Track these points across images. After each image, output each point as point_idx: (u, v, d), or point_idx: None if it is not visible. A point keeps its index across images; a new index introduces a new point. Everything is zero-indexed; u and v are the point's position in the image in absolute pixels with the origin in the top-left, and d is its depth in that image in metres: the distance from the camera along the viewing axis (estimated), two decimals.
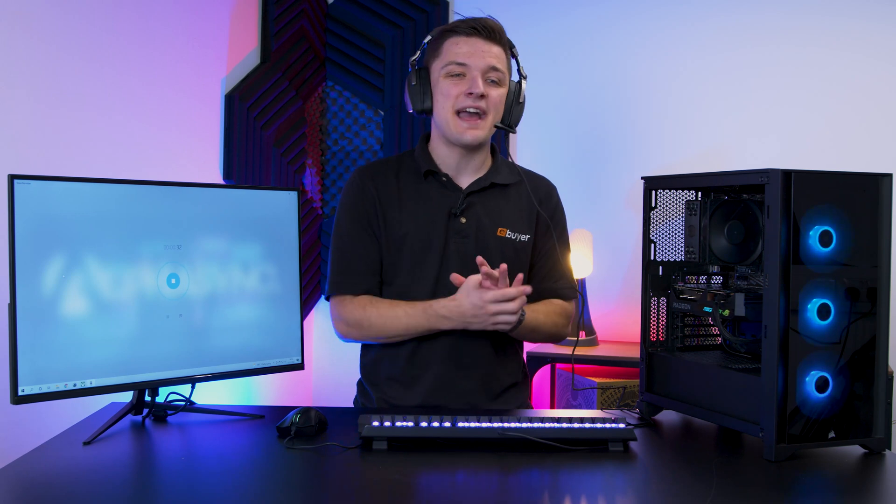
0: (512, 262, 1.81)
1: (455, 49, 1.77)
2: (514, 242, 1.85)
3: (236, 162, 2.81)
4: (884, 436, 1.46)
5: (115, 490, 1.26)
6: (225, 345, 1.66)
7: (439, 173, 1.85)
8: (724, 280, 1.67)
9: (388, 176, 1.87)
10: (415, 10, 3.33)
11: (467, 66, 1.76)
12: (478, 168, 1.87)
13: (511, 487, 1.31)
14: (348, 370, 3.44)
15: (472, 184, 1.85)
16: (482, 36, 1.76)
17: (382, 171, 1.88)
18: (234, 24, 2.84)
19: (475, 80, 1.75)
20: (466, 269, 1.76)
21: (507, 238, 1.85)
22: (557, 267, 1.91)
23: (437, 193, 1.84)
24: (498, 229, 1.84)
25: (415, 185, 1.85)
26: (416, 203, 1.84)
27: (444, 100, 1.78)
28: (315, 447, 1.44)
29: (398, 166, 1.89)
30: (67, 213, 1.46)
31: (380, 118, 3.37)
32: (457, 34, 1.78)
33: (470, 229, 1.82)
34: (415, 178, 1.86)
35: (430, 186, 1.85)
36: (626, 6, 3.21)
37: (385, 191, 1.85)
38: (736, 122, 3.10)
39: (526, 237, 1.87)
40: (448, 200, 1.83)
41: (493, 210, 1.85)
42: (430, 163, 1.85)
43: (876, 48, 2.98)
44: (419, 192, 1.85)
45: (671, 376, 1.65)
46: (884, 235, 1.46)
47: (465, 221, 1.83)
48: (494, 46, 1.78)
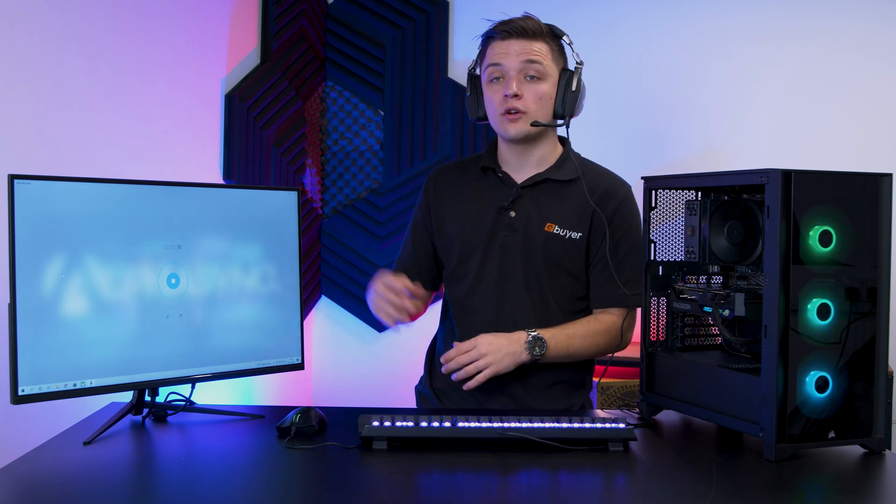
0: (556, 258, 1.82)
1: (492, 53, 1.80)
2: (563, 239, 1.82)
3: (236, 162, 2.81)
4: (884, 436, 1.46)
5: (115, 490, 1.26)
6: (225, 345, 1.66)
7: (496, 169, 1.88)
8: (724, 280, 1.67)
9: (452, 175, 1.95)
10: (415, 10, 3.33)
11: (502, 68, 1.78)
12: (538, 164, 1.87)
13: (511, 487, 1.31)
14: (348, 370, 3.45)
15: (527, 179, 1.85)
16: (515, 36, 1.77)
17: (448, 170, 1.97)
18: (234, 24, 2.84)
19: (509, 81, 1.77)
20: (507, 263, 1.83)
21: (554, 234, 1.82)
22: (608, 272, 1.79)
23: (493, 188, 1.87)
24: (546, 224, 1.83)
25: (474, 183, 1.91)
26: (471, 200, 1.89)
27: (490, 105, 1.83)
28: (315, 447, 1.44)
29: (465, 166, 1.97)
30: (67, 213, 1.46)
31: (380, 118, 3.37)
32: (494, 39, 1.80)
33: (519, 223, 1.83)
34: (476, 175, 1.91)
35: (487, 182, 1.89)
36: (625, 6, 3.21)
37: (445, 190, 1.92)
38: (736, 122, 3.10)
39: (577, 235, 1.82)
40: (502, 195, 1.85)
41: (544, 205, 1.84)
42: (491, 160, 1.89)
43: (876, 48, 2.98)
44: (476, 189, 1.89)
45: (671, 376, 1.65)
46: (884, 235, 1.45)
47: (515, 215, 1.84)
48: (534, 43, 1.77)
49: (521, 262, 1.83)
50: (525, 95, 1.77)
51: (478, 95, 1.86)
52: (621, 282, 1.78)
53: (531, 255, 1.82)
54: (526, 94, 1.77)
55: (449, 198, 1.92)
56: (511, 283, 1.83)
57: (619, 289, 1.78)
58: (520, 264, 1.83)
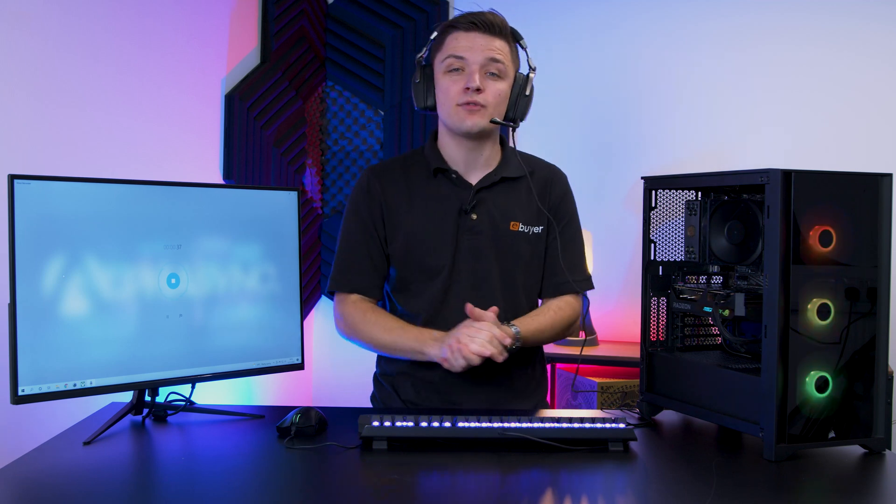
0: (528, 255, 1.84)
1: (454, 44, 1.77)
2: (528, 235, 1.85)
3: (236, 162, 2.81)
4: (884, 436, 1.46)
5: (115, 490, 1.26)
6: (225, 345, 1.66)
7: (449, 170, 1.84)
8: (724, 280, 1.67)
9: (397, 175, 1.87)
10: (415, 10, 3.33)
11: (465, 61, 1.75)
12: (486, 162, 1.86)
13: (511, 487, 1.30)
14: (348, 370, 3.44)
15: (481, 179, 1.84)
16: (481, 30, 1.75)
17: (390, 170, 1.89)
18: (234, 24, 2.84)
19: (472, 74, 1.74)
20: (479, 266, 1.80)
21: (520, 232, 1.84)
22: (559, 261, 1.85)
23: (446, 191, 1.84)
24: (510, 223, 1.84)
25: (424, 184, 1.85)
26: (426, 202, 1.84)
27: (444, 95, 1.78)
28: (315, 447, 1.44)
29: (408, 165, 1.89)
30: (67, 213, 1.46)
31: (380, 118, 3.37)
32: (457, 29, 1.77)
33: (482, 226, 1.82)
34: (424, 176, 1.86)
35: (439, 184, 1.85)
36: (626, 6, 3.21)
37: (392, 190, 1.85)
38: (736, 122, 3.10)
39: (539, 229, 1.86)
40: (458, 197, 1.83)
41: (504, 205, 1.84)
42: (439, 160, 1.85)
43: (876, 48, 2.98)
44: (428, 191, 1.85)
45: (671, 376, 1.65)
46: (884, 235, 1.45)
47: (477, 218, 1.82)
48: (496, 40, 1.76)
49: (494, 263, 1.82)
50: (486, 91, 1.76)
51: (426, 83, 1.82)
52: (572, 268, 1.86)
53: (503, 256, 1.82)
54: (487, 89, 1.76)
55: (399, 197, 1.84)
56: (487, 286, 1.82)
57: (575, 275, 1.87)
58: (494, 266, 1.82)
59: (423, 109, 1.84)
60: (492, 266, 1.82)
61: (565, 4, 3.24)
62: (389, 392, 1.89)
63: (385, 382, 1.91)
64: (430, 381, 1.83)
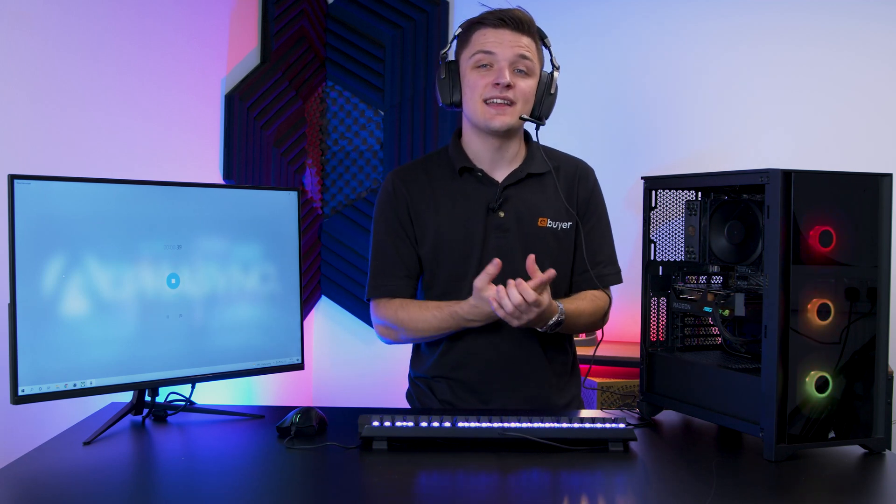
0: (555, 252, 1.82)
1: (482, 39, 1.75)
2: (557, 231, 1.83)
3: (236, 162, 2.81)
4: (884, 436, 1.46)
5: (115, 490, 1.26)
6: (225, 345, 1.66)
7: (474, 169, 1.83)
8: (724, 280, 1.67)
9: (420, 177, 1.86)
10: (415, 10, 3.33)
11: (494, 56, 1.74)
12: (512, 159, 1.85)
13: (511, 487, 1.30)
14: (348, 370, 3.45)
15: (507, 177, 1.83)
16: (510, 27, 1.75)
17: (414, 172, 1.88)
18: (234, 24, 2.84)
19: (502, 70, 1.73)
20: (508, 265, 1.75)
21: (548, 228, 1.83)
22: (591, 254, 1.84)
23: (473, 190, 1.83)
24: (538, 220, 1.82)
25: (449, 184, 1.84)
26: (453, 202, 1.83)
27: (472, 91, 1.77)
28: (315, 447, 1.44)
29: (430, 166, 1.88)
30: (67, 213, 1.46)
31: (380, 118, 3.37)
32: (484, 25, 1.76)
33: (510, 223, 1.81)
34: (449, 175, 1.85)
35: (465, 183, 1.84)
36: (626, 6, 3.21)
37: (418, 192, 1.84)
38: (736, 122, 3.10)
39: (568, 224, 1.85)
40: (485, 196, 1.82)
41: (531, 201, 1.83)
42: (463, 159, 1.84)
43: (877, 48, 2.99)
44: (454, 190, 1.84)
45: (671, 376, 1.65)
46: (884, 235, 1.45)
47: (504, 216, 1.81)
48: (523, 37, 1.76)
49: (523, 260, 1.81)
50: (515, 87, 1.75)
51: (453, 79, 1.81)
52: (605, 261, 1.87)
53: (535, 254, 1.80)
54: (516, 86, 1.75)
55: (425, 198, 1.84)
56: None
57: (607, 268, 1.87)
58: (522, 263, 1.81)
59: (448, 106, 1.82)
60: (520, 263, 1.81)
61: (565, 5, 3.24)
62: (425, 391, 1.90)
63: (421, 384, 1.91)
64: (466, 381, 1.82)
